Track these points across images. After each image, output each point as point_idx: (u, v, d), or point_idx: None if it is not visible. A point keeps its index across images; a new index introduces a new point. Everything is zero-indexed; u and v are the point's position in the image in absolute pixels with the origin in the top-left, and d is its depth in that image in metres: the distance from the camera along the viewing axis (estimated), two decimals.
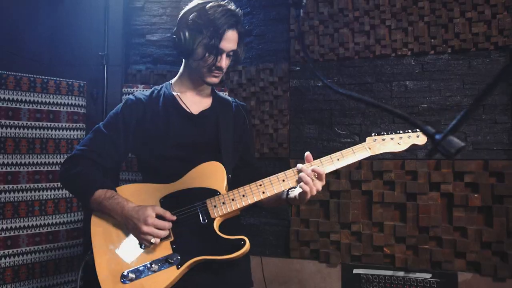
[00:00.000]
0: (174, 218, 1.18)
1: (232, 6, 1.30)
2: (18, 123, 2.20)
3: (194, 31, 1.24)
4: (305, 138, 2.75)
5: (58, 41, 2.75)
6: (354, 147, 1.28)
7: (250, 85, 2.83)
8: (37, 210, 2.17)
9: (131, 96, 1.34)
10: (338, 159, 1.24)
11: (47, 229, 2.20)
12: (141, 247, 1.18)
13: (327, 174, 1.22)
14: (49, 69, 2.57)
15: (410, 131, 1.33)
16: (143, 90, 1.38)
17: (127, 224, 1.16)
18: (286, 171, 1.22)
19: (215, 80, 1.33)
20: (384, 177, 2.51)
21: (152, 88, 1.39)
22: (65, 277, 2.26)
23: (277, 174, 1.22)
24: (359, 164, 2.55)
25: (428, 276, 2.39)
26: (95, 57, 2.63)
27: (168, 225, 1.17)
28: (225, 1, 1.33)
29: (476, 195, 2.33)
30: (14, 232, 2.08)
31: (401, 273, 2.44)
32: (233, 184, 1.26)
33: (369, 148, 1.28)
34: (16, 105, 2.21)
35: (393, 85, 2.59)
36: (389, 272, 2.46)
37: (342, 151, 1.26)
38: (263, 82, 2.80)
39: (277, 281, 2.70)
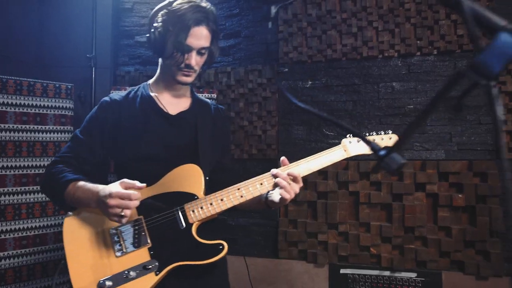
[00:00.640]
0: (144, 185, 1.14)
1: (203, 3, 1.24)
2: (4, 126, 2.20)
3: (163, 28, 1.22)
4: (293, 139, 2.76)
5: (45, 43, 2.74)
6: (329, 149, 1.30)
7: (239, 86, 2.84)
8: (24, 213, 2.18)
9: (106, 98, 1.31)
10: (314, 161, 1.25)
11: (35, 232, 2.21)
12: (116, 252, 1.16)
13: (314, 175, 1.23)
14: (36, 71, 2.56)
15: (383, 133, 1.34)
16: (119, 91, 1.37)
17: (100, 207, 1.13)
18: (264, 174, 1.23)
19: (186, 79, 1.27)
20: (371, 178, 2.54)
21: (129, 89, 1.36)
22: (53, 279, 2.27)
23: (255, 178, 1.22)
24: (346, 165, 2.58)
25: (413, 275, 2.42)
26: (83, 58, 2.63)
27: (134, 195, 1.09)
28: None
29: (460, 195, 2.36)
30: (0, 236, 2.09)
31: (387, 273, 2.47)
32: (209, 187, 1.25)
33: (344, 150, 1.29)
34: (1, 108, 2.21)
35: (380, 86, 2.62)
36: (375, 272, 2.49)
37: (318, 153, 1.27)
38: (251, 84, 2.81)
39: (266, 282, 2.73)
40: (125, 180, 1.14)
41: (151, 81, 1.38)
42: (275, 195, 1.23)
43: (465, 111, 2.46)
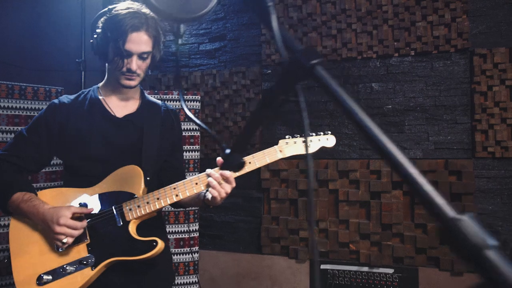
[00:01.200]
0: (92, 209, 1.21)
1: (142, 9, 1.25)
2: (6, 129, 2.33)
3: (103, 34, 1.24)
4: (276, 139, 2.82)
5: (36, 47, 2.85)
6: (265, 150, 1.31)
7: (224, 88, 2.93)
8: None
9: (55, 100, 1.34)
10: (249, 162, 1.27)
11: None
12: (57, 249, 1.21)
13: (296, 173, 1.23)
14: (27, 75, 2.68)
15: (322, 133, 1.37)
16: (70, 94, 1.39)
17: (43, 226, 1.19)
18: (199, 174, 1.26)
19: (129, 82, 1.29)
20: (350, 176, 2.61)
21: (80, 92, 1.39)
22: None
23: (191, 177, 1.26)
24: (326, 164, 2.65)
25: (390, 271, 2.49)
26: (73, 62, 2.74)
27: (81, 225, 1.17)
28: (136, 3, 1.29)
29: None
30: None
31: (365, 269, 2.54)
32: (159, 186, 1.29)
33: (280, 150, 1.31)
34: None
35: (360, 87, 2.68)
36: (354, 268, 2.56)
37: (254, 154, 1.29)
38: (235, 85, 2.90)
39: (249, 277, 2.82)
40: (73, 208, 1.20)
41: (100, 84, 1.40)
42: (209, 194, 1.25)
43: (441, 111, 2.52)
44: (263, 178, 2.78)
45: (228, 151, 0.66)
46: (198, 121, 0.65)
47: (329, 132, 1.37)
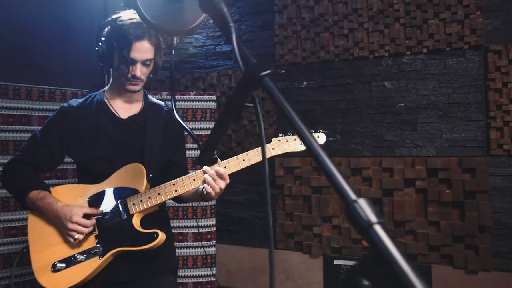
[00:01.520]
0: (101, 211, 1.34)
1: None
2: (29, 128, 2.52)
3: (108, 43, 1.33)
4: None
5: (65, 51, 3.06)
6: (258, 148, 1.35)
7: None
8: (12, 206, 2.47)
9: (65, 104, 1.45)
10: (243, 160, 1.33)
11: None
12: (67, 241, 1.35)
13: (309, 171, 1.27)
14: (57, 79, 2.88)
15: (313, 132, 1.42)
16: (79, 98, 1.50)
17: (57, 221, 1.32)
18: (197, 171, 1.34)
19: (134, 87, 1.38)
20: (363, 173, 2.64)
21: (88, 95, 1.49)
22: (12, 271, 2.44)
23: (190, 174, 1.35)
24: (338, 162, 2.70)
25: None
26: (97, 65, 2.91)
27: (91, 223, 1.30)
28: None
29: (447, 191, 2.42)
30: None
31: None
32: (163, 182, 1.36)
33: (273, 148, 1.37)
34: (28, 112, 2.53)
35: (372, 85, 2.70)
36: None
37: (248, 151, 1.35)
38: None
39: (265, 270, 2.90)
40: (85, 209, 1.33)
41: (106, 88, 1.50)
42: (205, 190, 1.33)
43: (455, 108, 2.51)
44: (278, 175, 2.86)
45: (202, 147, 0.74)
46: (183, 123, 0.74)
47: (320, 130, 1.43)
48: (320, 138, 1.42)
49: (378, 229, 0.39)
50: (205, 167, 1.32)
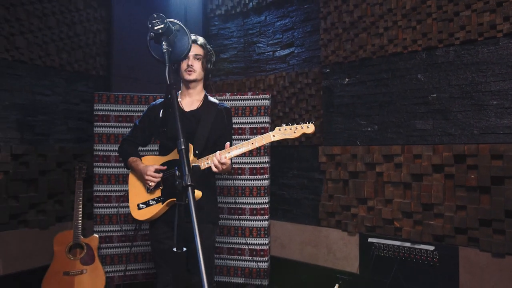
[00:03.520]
0: (165, 167, 2.02)
1: (192, 35, 1.84)
2: (130, 124, 3.46)
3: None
4: (334, 129, 3.28)
5: (153, 68, 3.96)
6: (264, 135, 1.90)
7: (291, 87, 3.52)
8: None
9: (153, 103, 2.22)
10: (252, 143, 1.88)
11: None
12: (147, 191, 2.07)
13: (347, 157, 1.66)
14: (146, 87, 3.80)
15: (305, 123, 1.87)
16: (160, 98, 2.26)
17: (141, 176, 2.06)
18: (215, 153, 1.94)
19: (189, 76, 2.05)
20: (395, 160, 2.87)
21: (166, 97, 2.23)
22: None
23: (209, 155, 1.98)
24: (372, 150, 2.98)
25: (431, 248, 2.67)
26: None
27: (158, 175, 1.97)
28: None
29: (473, 176, 2.50)
30: None
31: (407, 244, 2.78)
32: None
33: (273, 135, 1.87)
34: (131, 113, 3.48)
35: (406, 78, 2.90)
36: (397, 243, 2.82)
37: (256, 137, 1.90)
38: (300, 84, 3.45)
39: (310, 244, 3.34)
40: (156, 167, 2.03)
41: (179, 92, 2.21)
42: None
43: (488, 97, 2.56)
44: (321, 162, 3.27)
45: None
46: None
47: (312, 121, 1.88)
48: (310, 128, 1.88)
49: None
50: (218, 152, 1.91)
